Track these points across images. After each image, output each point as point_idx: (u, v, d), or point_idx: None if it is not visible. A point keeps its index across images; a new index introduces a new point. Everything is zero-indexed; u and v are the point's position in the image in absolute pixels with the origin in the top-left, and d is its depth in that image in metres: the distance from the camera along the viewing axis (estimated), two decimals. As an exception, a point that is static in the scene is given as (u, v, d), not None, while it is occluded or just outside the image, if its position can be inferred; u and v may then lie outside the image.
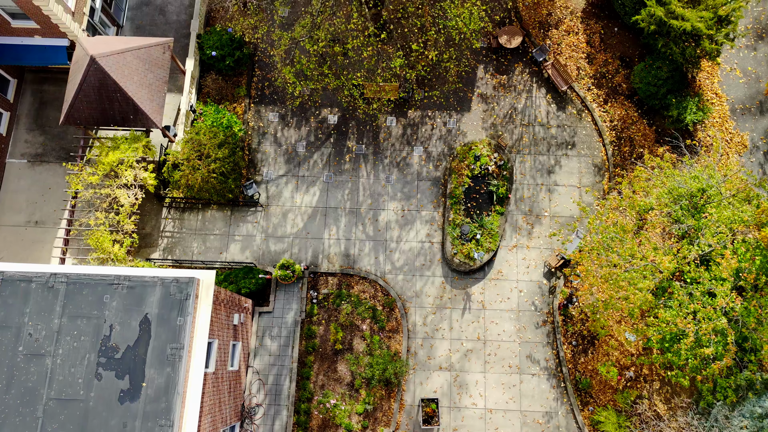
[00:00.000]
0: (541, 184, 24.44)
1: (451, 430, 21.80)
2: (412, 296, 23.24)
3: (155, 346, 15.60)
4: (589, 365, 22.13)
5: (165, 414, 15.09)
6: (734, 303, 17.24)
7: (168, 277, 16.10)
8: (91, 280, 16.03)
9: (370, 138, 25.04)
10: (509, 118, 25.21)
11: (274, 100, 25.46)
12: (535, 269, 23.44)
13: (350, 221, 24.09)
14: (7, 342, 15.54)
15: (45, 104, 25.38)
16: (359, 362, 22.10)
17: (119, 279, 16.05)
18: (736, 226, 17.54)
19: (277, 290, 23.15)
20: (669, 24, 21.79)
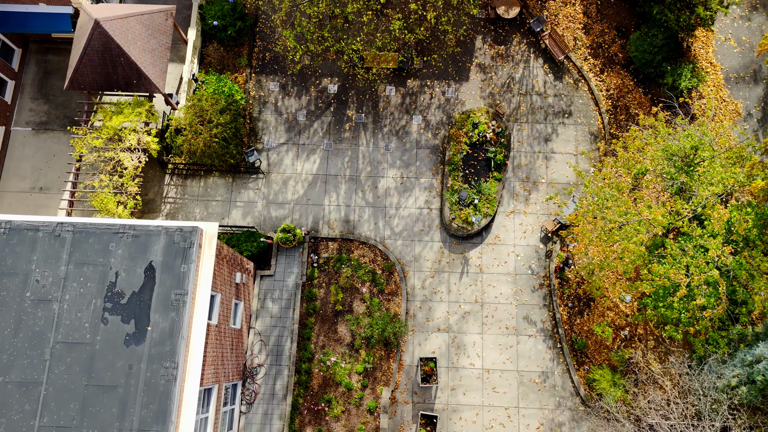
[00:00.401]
0: (538, 151, 24.81)
1: (449, 390, 22.19)
2: (411, 261, 23.61)
3: (160, 292, 15.97)
4: (585, 326, 22.51)
5: (170, 356, 15.47)
6: (726, 257, 17.62)
7: (172, 226, 16.48)
8: (96, 230, 16.40)
9: (370, 107, 25.39)
10: (507, 88, 25.57)
11: (275, 70, 25.81)
12: (532, 234, 23.82)
13: (350, 188, 24.45)
14: (15, 288, 15.91)
15: (49, 73, 25.72)
16: (359, 323, 22.49)
17: (124, 228, 16.42)
18: (729, 182, 17.90)
19: (279, 254, 23.52)
20: (664, -11, 22.16)
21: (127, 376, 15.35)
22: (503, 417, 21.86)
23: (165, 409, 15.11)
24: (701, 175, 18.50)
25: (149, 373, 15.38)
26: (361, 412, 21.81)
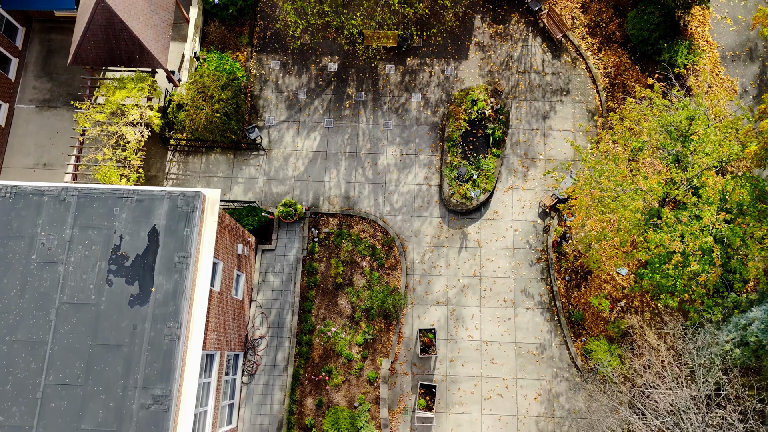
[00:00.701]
0: (537, 128, 25.08)
1: (448, 361, 22.48)
2: (411, 236, 23.89)
3: (163, 255, 16.25)
4: (582, 299, 22.80)
5: (173, 317, 15.75)
6: (720, 225, 17.90)
7: (175, 191, 16.75)
8: (101, 194, 16.68)
9: (370, 85, 25.66)
10: (505, 66, 25.83)
11: (275, 49, 26.07)
12: (530, 209, 24.10)
13: (350, 165, 24.73)
14: (21, 251, 16.19)
15: (52, 52, 25.98)
16: (359, 296, 22.78)
17: (128, 193, 16.70)
18: (723, 152, 18.16)
19: (280, 229, 23.80)
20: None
21: (132, 336, 15.63)
22: (501, 388, 22.15)
23: (169, 368, 15.39)
24: (696, 144, 18.77)
25: (153, 333, 15.66)
26: (361, 382, 22.10)
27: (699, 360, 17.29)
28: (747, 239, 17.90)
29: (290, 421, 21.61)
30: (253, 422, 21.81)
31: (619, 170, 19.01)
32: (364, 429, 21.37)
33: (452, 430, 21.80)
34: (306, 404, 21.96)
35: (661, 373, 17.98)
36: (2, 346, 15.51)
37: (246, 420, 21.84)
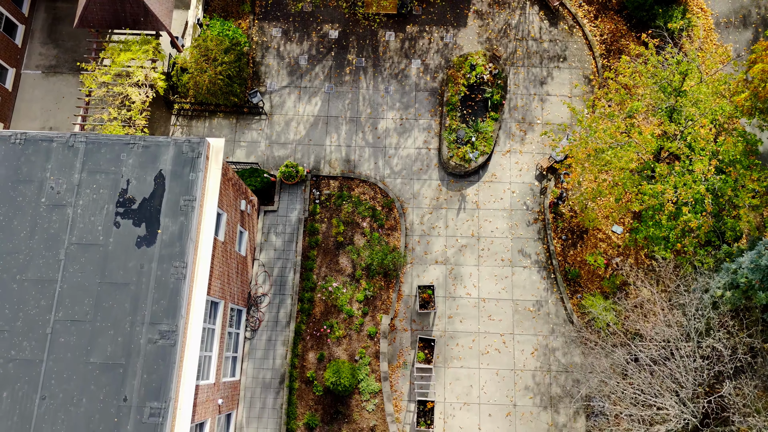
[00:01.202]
0: (534, 94, 25.52)
1: (447, 318, 22.93)
2: (410, 198, 24.34)
3: (169, 199, 16.70)
4: (578, 257, 23.25)
5: (179, 257, 16.20)
6: (712, 178, 18.36)
7: (180, 138, 17.20)
8: (108, 141, 17.13)
9: (370, 51, 26.10)
10: (504, 33, 26.27)
11: (277, 17, 26.51)
12: (528, 172, 24.54)
13: (351, 129, 25.17)
14: (31, 194, 16.64)
15: (58, 20, 26.42)
16: (360, 254, 23.23)
17: (135, 140, 17.15)
18: (716, 106, 18.59)
19: (282, 191, 24.24)
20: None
21: (139, 275, 16.08)
22: (498, 343, 22.61)
23: (175, 305, 15.84)
24: (689, 98, 19.21)
25: (160, 272, 16.11)
26: (361, 337, 22.56)
27: (691, 307, 17.73)
28: (738, 189, 18.35)
29: (292, 375, 22.06)
30: (255, 376, 22.27)
31: (614, 125, 19.46)
32: (365, 381, 21.83)
33: (450, 383, 22.26)
34: (308, 358, 22.42)
35: (653, 309, 18.42)
36: (13, 284, 15.96)
37: (249, 374, 22.29)
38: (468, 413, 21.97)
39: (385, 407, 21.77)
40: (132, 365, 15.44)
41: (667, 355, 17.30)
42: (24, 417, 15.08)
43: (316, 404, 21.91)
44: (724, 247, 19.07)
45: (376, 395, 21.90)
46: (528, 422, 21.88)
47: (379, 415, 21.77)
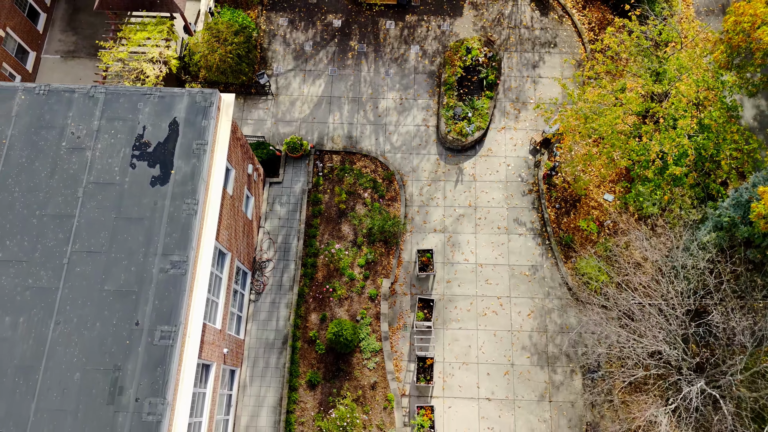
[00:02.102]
0: (527, 76, 26.90)
1: (445, 282, 23.62)
2: (409, 171, 25.39)
3: (182, 143, 17.75)
4: (572, 224, 24.11)
5: (191, 194, 17.13)
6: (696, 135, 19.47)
7: (194, 90, 18.38)
8: (126, 92, 18.31)
9: (371, 38, 27.63)
10: (497, 22, 27.87)
11: (284, 8, 28.17)
12: (522, 147, 25.66)
13: (353, 108, 26.44)
14: (52, 138, 17.70)
15: (78, 10, 28.08)
16: (361, 221, 24.10)
17: (151, 90, 18.33)
18: (693, 63, 19.87)
19: (287, 165, 25.32)
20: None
21: (152, 211, 16.98)
22: (496, 305, 23.23)
23: (186, 238, 16.67)
24: (671, 63, 20.50)
25: (172, 208, 17.01)
26: (362, 299, 23.20)
27: (678, 251, 18.53)
28: (720, 143, 19.40)
29: (295, 335, 22.61)
30: (259, 336, 22.80)
31: (600, 87, 20.68)
32: (366, 340, 22.36)
33: (449, 344, 22.77)
34: (310, 319, 23.00)
35: (644, 255, 19.14)
36: (32, 219, 16.84)
37: (253, 335, 22.83)
38: (467, 372, 22.41)
39: (385, 365, 22.23)
40: (144, 292, 16.16)
41: (656, 296, 17.98)
42: (39, 340, 15.71)
43: (318, 362, 22.37)
44: (710, 203, 20.00)
45: (377, 354, 22.39)
46: (526, 380, 22.29)
47: (379, 372, 22.21)
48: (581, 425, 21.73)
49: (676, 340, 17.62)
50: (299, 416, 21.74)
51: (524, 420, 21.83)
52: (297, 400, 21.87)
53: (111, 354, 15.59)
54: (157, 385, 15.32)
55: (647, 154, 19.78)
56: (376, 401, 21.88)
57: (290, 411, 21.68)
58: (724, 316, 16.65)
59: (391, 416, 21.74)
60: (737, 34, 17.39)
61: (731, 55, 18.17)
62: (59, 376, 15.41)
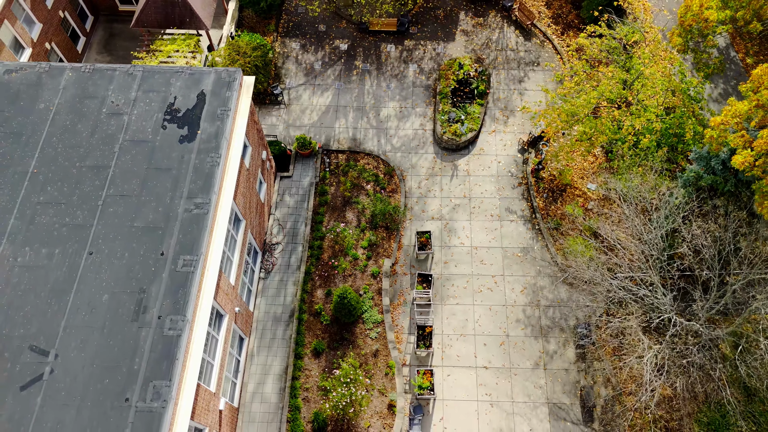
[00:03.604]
0: (514, 89, 29.89)
1: (443, 263, 25.17)
2: (409, 168, 27.68)
3: (208, 110, 20.19)
4: (559, 211, 26.02)
5: (215, 150, 19.32)
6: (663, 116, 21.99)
7: (220, 69, 21.09)
8: (161, 70, 21.01)
9: (374, 59, 30.94)
10: (486, 45, 31.30)
11: (297, 34, 31.74)
12: (511, 147, 28.11)
13: (357, 115, 29.19)
14: (94, 106, 20.17)
15: (113, 36, 31.64)
16: (364, 209, 26.05)
17: (183, 69, 21.04)
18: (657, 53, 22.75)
19: (296, 162, 27.66)
20: (602, -42, 28.74)
21: (180, 162, 19.08)
22: (491, 283, 24.64)
23: (209, 184, 18.65)
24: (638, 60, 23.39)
25: (198, 161, 19.13)
26: (365, 276, 24.65)
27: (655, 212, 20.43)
28: (684, 120, 21.83)
29: (301, 308, 23.86)
30: (268, 311, 24.04)
31: (577, 76, 23.46)
32: (368, 312, 23.59)
33: (447, 318, 23.96)
34: (316, 294, 24.33)
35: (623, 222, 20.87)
36: (72, 169, 18.91)
37: (261, 309, 24.08)
38: (464, 343, 23.44)
39: (387, 335, 23.31)
40: (170, 228, 17.91)
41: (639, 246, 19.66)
42: (72, 268, 17.27)
43: (323, 333, 23.47)
44: (679, 174, 22.09)
45: (379, 325, 23.54)
46: (521, 350, 23.28)
47: (381, 342, 23.25)
48: (575, 390, 22.48)
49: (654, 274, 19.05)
50: (304, 382, 22.55)
51: (521, 386, 22.62)
52: (302, 368, 22.76)
53: (137, 279, 17.10)
54: (179, 304, 16.71)
55: (621, 133, 22.14)
56: (378, 368, 22.77)
57: (295, 377, 22.52)
58: (695, 246, 18.26)
59: (392, 382, 22.55)
60: (688, 17, 20.30)
61: (686, 37, 21.01)
62: (88, 298, 16.83)
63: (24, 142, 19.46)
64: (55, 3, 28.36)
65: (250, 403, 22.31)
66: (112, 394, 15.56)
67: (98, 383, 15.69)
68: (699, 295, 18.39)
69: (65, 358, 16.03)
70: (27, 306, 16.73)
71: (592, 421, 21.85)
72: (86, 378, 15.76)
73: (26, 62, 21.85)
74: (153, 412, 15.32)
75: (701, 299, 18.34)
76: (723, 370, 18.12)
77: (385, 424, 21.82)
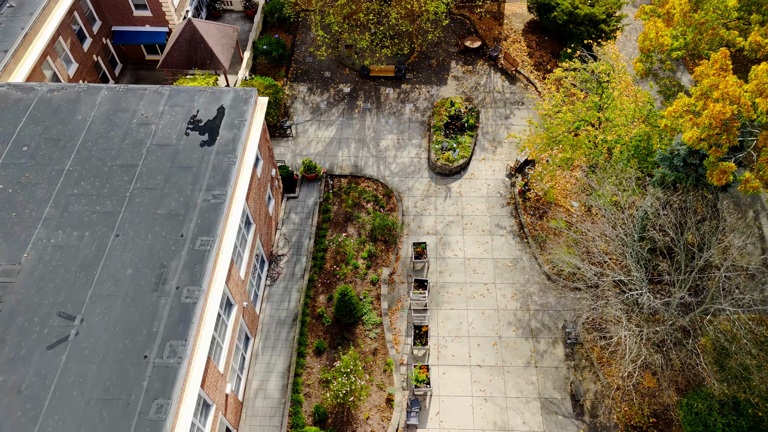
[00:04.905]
0: (501, 124, 32.83)
1: (438, 272, 26.83)
2: (405, 190, 30.00)
3: (227, 120, 22.81)
4: (545, 227, 28.01)
5: (231, 152, 21.71)
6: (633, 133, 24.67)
7: (237, 88, 23.96)
8: (186, 89, 23.87)
9: (374, 99, 34.15)
10: (475, 89, 34.63)
11: (304, 79, 35.20)
12: (500, 172, 30.58)
13: (358, 146, 31.92)
14: (126, 117, 22.82)
15: (139, 80, 35.07)
16: (365, 225, 28.06)
17: (205, 89, 23.90)
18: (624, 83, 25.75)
19: (302, 185, 30.02)
20: (575, 12, 32.69)
21: (200, 162, 21.41)
22: (483, 290, 26.17)
23: (226, 179, 20.87)
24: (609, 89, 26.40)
25: (216, 161, 21.47)
26: (365, 283, 26.22)
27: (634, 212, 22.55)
28: (651, 135, 24.41)
29: (305, 312, 25.26)
30: (273, 315, 25.42)
31: (555, 100, 26.34)
32: (368, 314, 24.98)
33: (443, 321, 25.29)
34: (318, 300, 25.80)
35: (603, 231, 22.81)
36: (104, 168, 21.21)
37: (266, 313, 25.47)
38: (459, 344, 24.64)
39: (385, 336, 24.57)
40: (189, 215, 19.93)
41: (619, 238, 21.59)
42: (100, 247, 19.12)
43: (325, 333, 24.73)
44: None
45: (378, 326, 24.84)
46: (513, 350, 24.44)
47: (380, 342, 24.46)
48: (565, 386, 23.42)
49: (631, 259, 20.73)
50: (306, 379, 23.56)
51: (513, 383, 23.59)
52: (304, 365, 23.85)
53: (159, 256, 18.90)
54: (195, 277, 18.40)
55: (596, 148, 24.65)
56: (377, 365, 23.85)
57: (298, 374, 23.57)
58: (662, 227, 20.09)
59: (390, 378, 23.55)
60: (646, 43, 23.34)
61: (646, 61, 23.96)
62: (114, 272, 18.56)
63: (62, 146, 21.91)
64: (91, 47, 31.94)
65: (254, 399, 23.21)
66: (132, 352, 16.93)
67: (119, 343, 17.10)
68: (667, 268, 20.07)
69: (90, 322, 17.52)
70: (57, 279, 18.42)
71: (582, 413, 22.67)
72: (108, 339, 17.18)
73: (67, 83, 24.77)
74: (169, 368, 16.62)
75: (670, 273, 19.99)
76: (695, 341, 19.38)
77: (384, 417, 22.62)
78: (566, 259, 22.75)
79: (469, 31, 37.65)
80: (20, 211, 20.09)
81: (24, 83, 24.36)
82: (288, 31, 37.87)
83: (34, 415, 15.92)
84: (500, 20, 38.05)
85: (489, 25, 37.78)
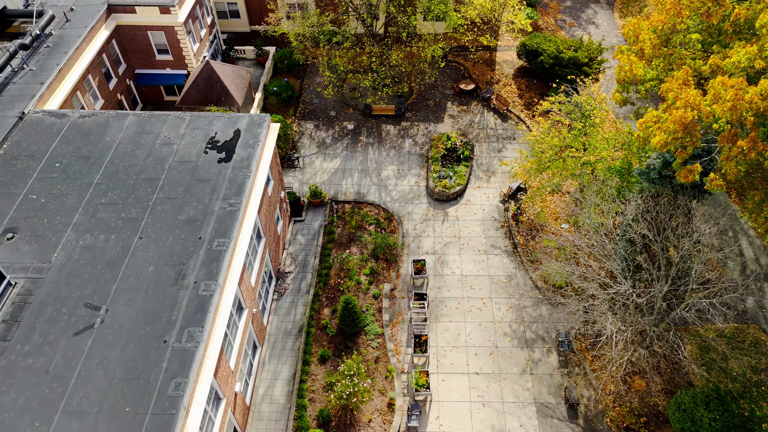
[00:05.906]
0: (494, 156, 35.14)
1: (437, 288, 28.26)
2: (405, 214, 31.88)
3: (242, 141, 25.02)
4: (537, 247, 29.68)
5: (246, 167, 23.78)
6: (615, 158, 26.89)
7: (252, 113, 26.34)
8: (206, 115, 26.25)
9: (376, 135, 36.65)
10: (469, 125, 37.22)
11: (312, 118, 37.86)
12: (494, 198, 32.56)
13: (361, 175, 34.08)
14: (150, 139, 25.05)
15: (157, 118, 37.71)
16: (367, 245, 29.75)
17: (223, 114, 26.28)
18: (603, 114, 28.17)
19: (308, 210, 31.94)
20: (560, 56, 35.75)
21: (217, 176, 23.42)
22: (480, 304, 27.51)
23: (241, 190, 22.81)
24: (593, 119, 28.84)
25: (232, 175, 23.49)
26: (367, 297, 27.60)
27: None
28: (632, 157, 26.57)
29: (310, 323, 26.52)
30: (279, 327, 26.67)
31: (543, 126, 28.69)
32: (370, 325, 26.24)
33: (442, 333, 26.50)
34: (323, 313, 27.11)
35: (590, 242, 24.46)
36: (130, 181, 23.21)
37: (274, 325, 26.73)
38: (457, 354, 25.75)
39: (386, 345, 25.72)
40: (207, 220, 21.72)
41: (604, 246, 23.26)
42: (124, 248, 20.80)
43: (329, 343, 25.89)
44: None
45: (379, 336, 26.03)
46: (509, 359, 25.52)
47: (381, 350, 25.59)
48: (560, 391, 24.36)
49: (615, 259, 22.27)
50: (310, 385, 24.55)
51: (510, 389, 24.55)
52: (309, 372, 24.89)
53: (178, 255, 20.55)
54: (212, 273, 19.98)
55: (581, 168, 26.75)
56: (378, 372, 24.89)
57: (303, 381, 24.58)
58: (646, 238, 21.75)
59: (391, 384, 24.54)
60: (621, 74, 25.89)
61: (623, 92, 26.41)
62: (137, 269, 20.16)
63: (91, 162, 24.00)
64: (116, 87, 34.74)
65: (260, 404, 24.13)
66: (153, 337, 18.29)
67: (141, 330, 18.48)
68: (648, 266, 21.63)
69: (114, 312, 18.97)
70: (84, 275, 20.01)
71: (576, 417, 23.53)
72: (131, 326, 18.58)
73: (98, 110, 27.18)
74: (187, 351, 17.94)
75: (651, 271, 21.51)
76: (677, 335, 20.59)
77: (385, 420, 23.48)
78: (556, 267, 24.30)
79: (464, 75, 40.73)
80: (51, 218, 21.90)
81: (57, 110, 26.79)
82: (296, 76, 40.95)
83: (61, 392, 17.10)
84: (492, 66, 41.22)
85: (482, 70, 40.91)
